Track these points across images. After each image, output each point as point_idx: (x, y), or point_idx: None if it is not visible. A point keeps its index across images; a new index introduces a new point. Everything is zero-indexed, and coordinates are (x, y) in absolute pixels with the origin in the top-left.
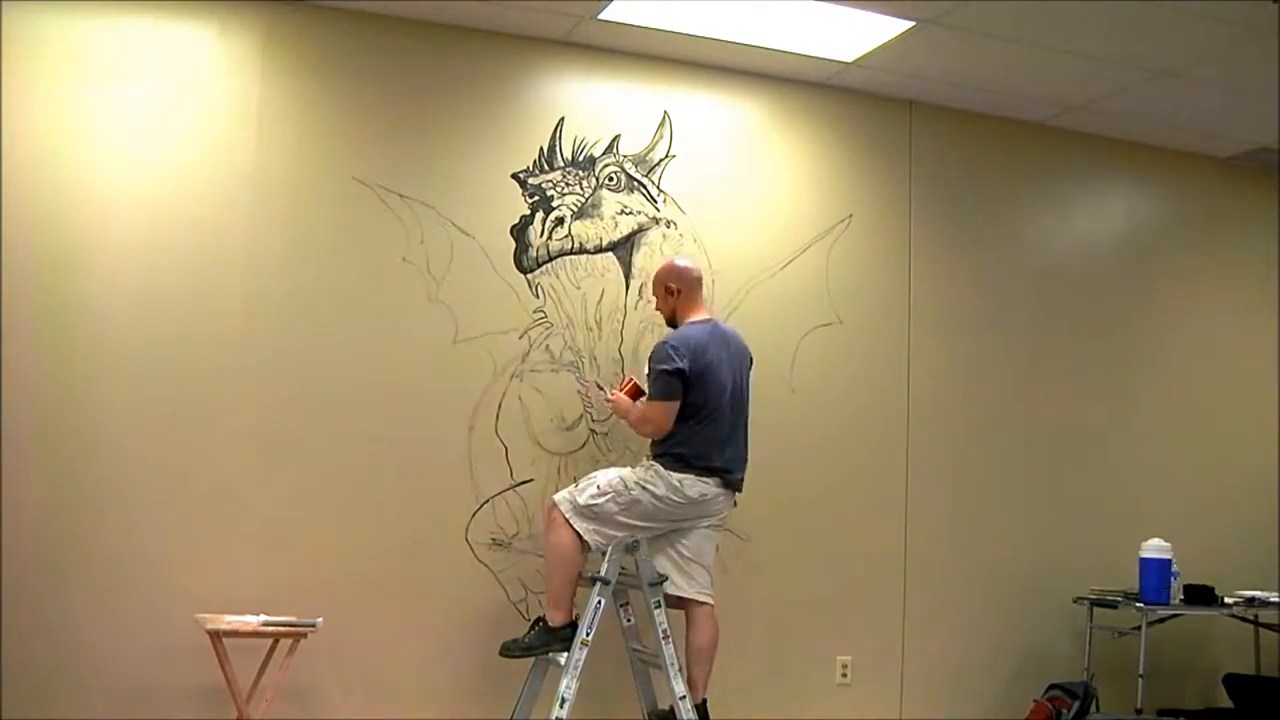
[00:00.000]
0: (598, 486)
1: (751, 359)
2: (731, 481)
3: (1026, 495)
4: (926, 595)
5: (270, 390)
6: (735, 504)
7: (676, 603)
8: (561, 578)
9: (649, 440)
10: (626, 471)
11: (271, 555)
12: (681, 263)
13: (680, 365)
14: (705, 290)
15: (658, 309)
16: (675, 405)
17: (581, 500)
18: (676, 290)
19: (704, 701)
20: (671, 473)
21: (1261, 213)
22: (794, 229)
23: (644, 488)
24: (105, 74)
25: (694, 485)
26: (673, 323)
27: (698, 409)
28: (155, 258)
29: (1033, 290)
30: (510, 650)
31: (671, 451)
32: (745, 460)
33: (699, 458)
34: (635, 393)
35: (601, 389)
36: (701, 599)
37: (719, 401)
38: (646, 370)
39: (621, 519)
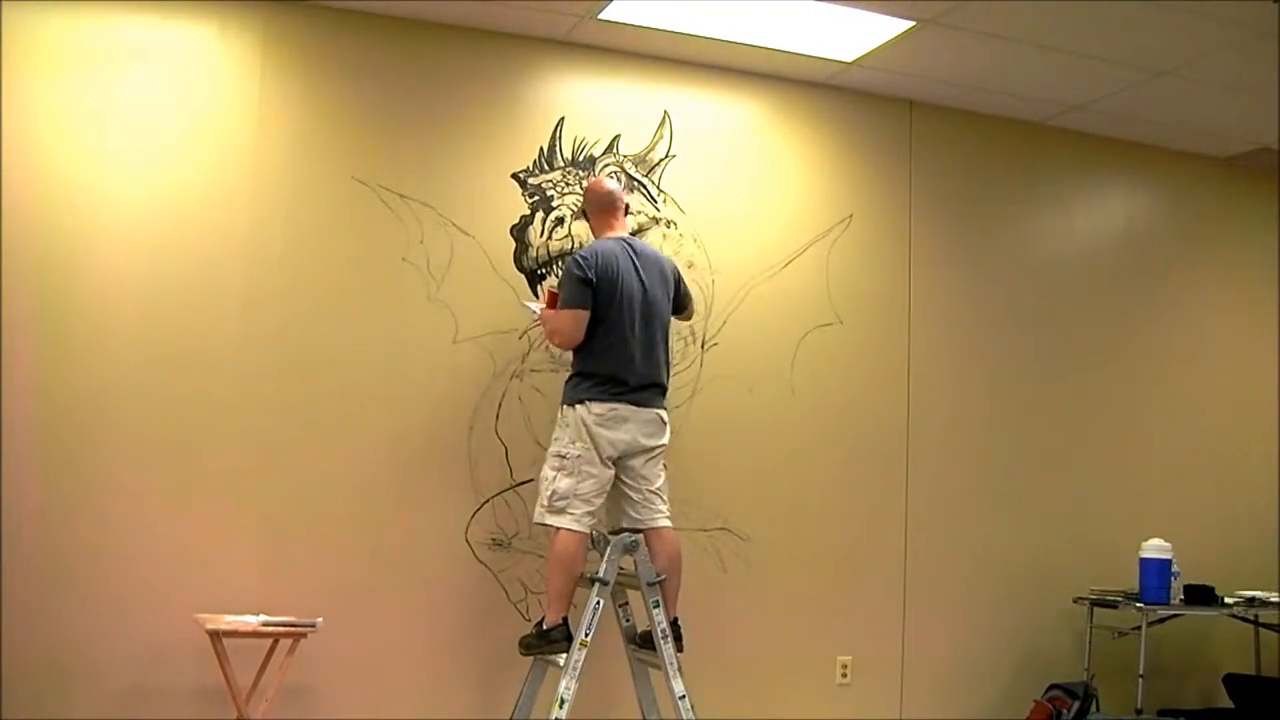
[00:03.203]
0: (547, 479)
1: (677, 274)
2: (640, 400)
3: (1026, 495)
4: (926, 595)
5: (270, 390)
6: (666, 421)
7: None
8: (559, 580)
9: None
10: (552, 447)
11: (271, 555)
12: (598, 183)
13: (588, 275)
14: (705, 290)
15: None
16: (584, 314)
17: (547, 500)
18: (584, 211)
19: (676, 619)
20: (575, 407)
21: (1261, 213)
22: (794, 229)
23: (571, 442)
24: (105, 74)
25: (597, 405)
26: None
27: (604, 318)
28: (155, 258)
29: (1032, 290)
30: (520, 646)
31: (581, 371)
32: (661, 378)
33: (605, 373)
34: (555, 301)
35: (534, 311)
36: (662, 524)
37: (628, 314)
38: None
39: (584, 484)
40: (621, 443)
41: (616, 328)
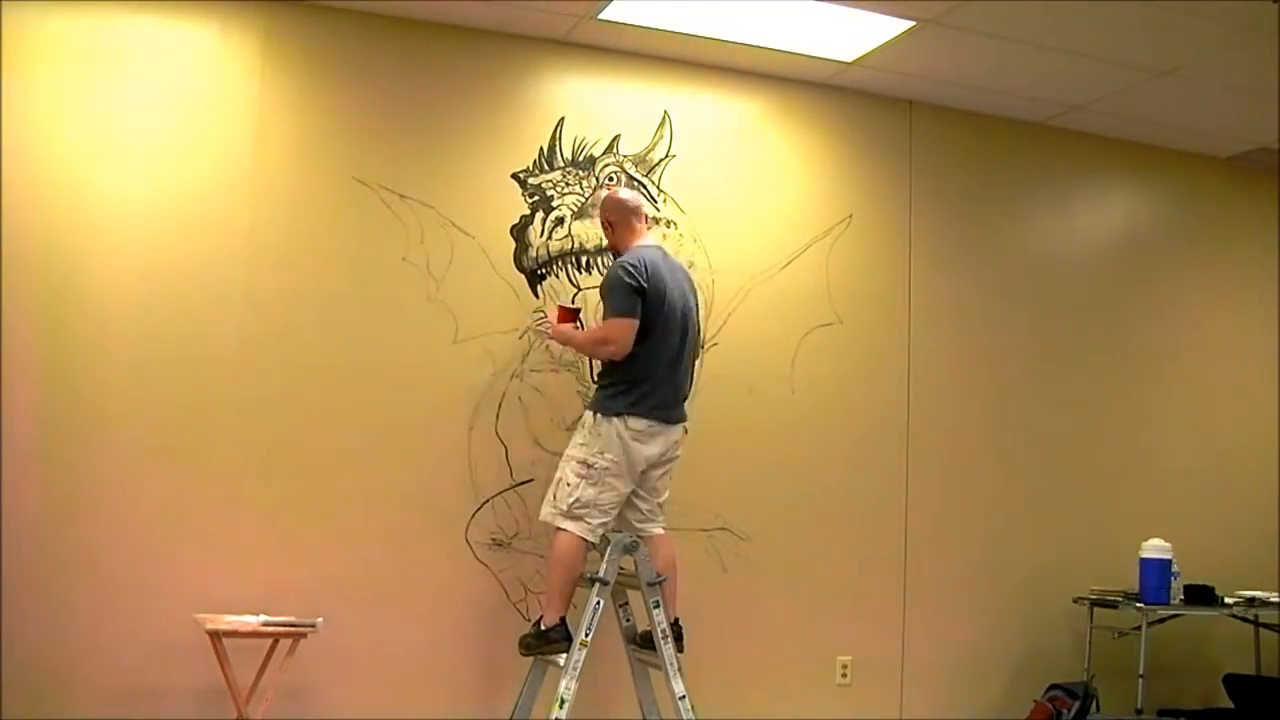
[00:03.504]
0: (568, 483)
1: (698, 295)
2: (673, 416)
3: (1026, 495)
4: (926, 595)
5: (270, 390)
6: (686, 431)
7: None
8: (558, 580)
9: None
10: (576, 451)
11: (271, 555)
12: (619, 194)
13: (640, 283)
14: (705, 290)
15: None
16: (635, 323)
17: (565, 505)
18: (611, 223)
19: (677, 620)
20: (612, 420)
21: (1261, 213)
22: (794, 229)
23: (600, 452)
24: (105, 74)
25: (636, 420)
26: (618, 254)
27: (650, 332)
28: (155, 257)
29: (1032, 290)
30: (520, 646)
31: (620, 381)
32: (688, 391)
33: (646, 387)
34: (567, 317)
35: (542, 321)
36: (656, 532)
37: (670, 324)
38: (599, 296)
39: (606, 495)
40: (654, 456)
41: (660, 340)
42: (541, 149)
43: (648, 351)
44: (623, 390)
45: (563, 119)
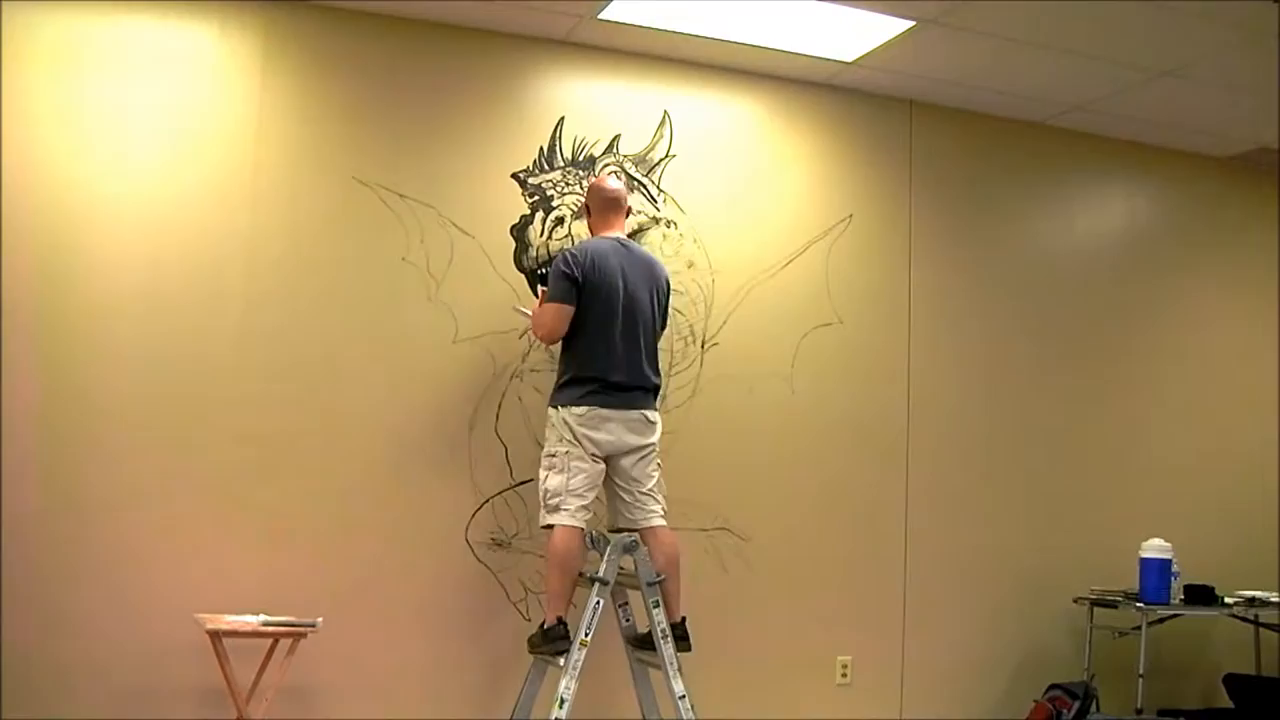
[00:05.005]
0: (541, 478)
1: (668, 281)
2: (615, 402)
3: (1026, 496)
4: (926, 595)
5: (270, 390)
6: (653, 421)
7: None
8: (556, 578)
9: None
10: (545, 448)
11: (271, 555)
12: (606, 183)
13: (574, 272)
14: (705, 290)
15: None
16: (568, 309)
17: (542, 500)
18: (588, 207)
19: (683, 620)
20: (559, 409)
21: (1261, 213)
22: (794, 229)
23: (558, 440)
24: (105, 74)
25: (577, 407)
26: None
27: (589, 318)
28: (155, 258)
29: (1033, 290)
30: (529, 644)
31: (564, 372)
32: (648, 379)
33: (587, 375)
34: None
35: (526, 314)
36: (656, 524)
37: (612, 314)
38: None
39: (575, 479)
40: (606, 442)
41: (600, 329)
42: (541, 149)
43: (588, 341)
44: (567, 382)
45: (563, 119)
